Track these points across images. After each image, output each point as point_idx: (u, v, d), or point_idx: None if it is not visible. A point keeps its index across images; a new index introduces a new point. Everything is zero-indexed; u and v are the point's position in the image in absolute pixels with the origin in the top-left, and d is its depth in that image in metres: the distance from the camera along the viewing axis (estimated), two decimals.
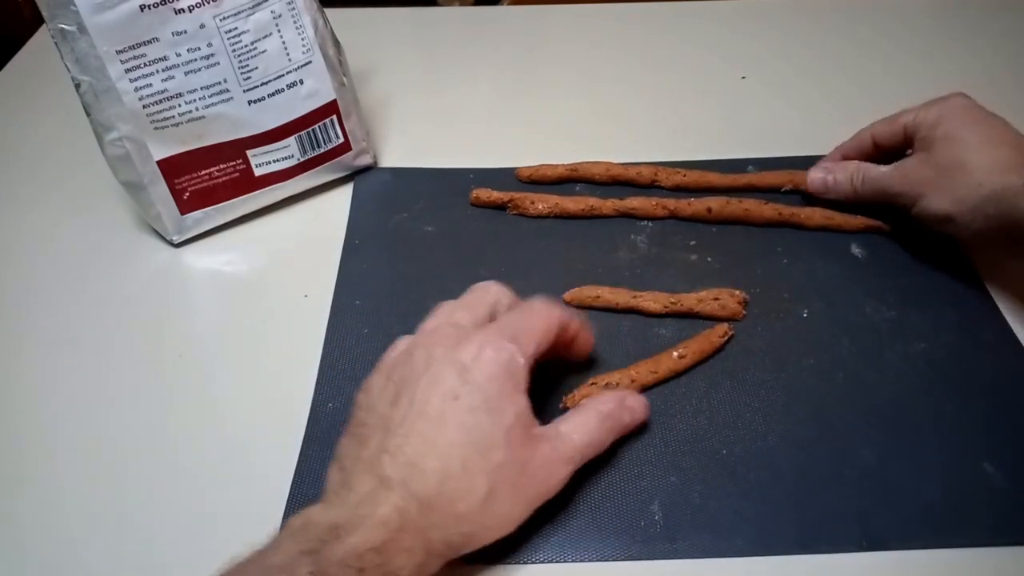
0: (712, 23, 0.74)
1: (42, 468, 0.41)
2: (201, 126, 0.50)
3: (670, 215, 0.52)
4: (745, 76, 0.67)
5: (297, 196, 0.55)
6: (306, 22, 0.51)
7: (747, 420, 0.41)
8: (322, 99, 0.53)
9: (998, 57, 0.68)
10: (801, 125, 0.61)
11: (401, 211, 0.54)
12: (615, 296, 0.46)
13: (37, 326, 0.48)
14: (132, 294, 0.49)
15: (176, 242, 0.52)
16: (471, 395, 0.34)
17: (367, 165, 0.57)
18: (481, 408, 0.34)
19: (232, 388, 0.44)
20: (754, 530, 0.37)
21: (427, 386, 0.34)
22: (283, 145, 0.52)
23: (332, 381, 0.43)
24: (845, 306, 0.47)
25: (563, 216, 0.53)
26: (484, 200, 0.54)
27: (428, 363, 0.35)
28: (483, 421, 0.34)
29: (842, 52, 0.69)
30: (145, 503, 0.39)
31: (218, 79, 0.49)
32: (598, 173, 0.55)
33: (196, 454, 0.41)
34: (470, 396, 0.34)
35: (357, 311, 0.47)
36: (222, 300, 0.49)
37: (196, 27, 0.47)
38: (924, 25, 0.72)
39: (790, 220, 0.51)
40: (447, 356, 0.35)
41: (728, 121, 0.62)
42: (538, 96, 0.66)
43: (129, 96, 0.47)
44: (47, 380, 0.45)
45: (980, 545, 0.36)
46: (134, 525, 0.38)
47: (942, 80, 0.65)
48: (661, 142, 0.59)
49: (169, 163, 0.50)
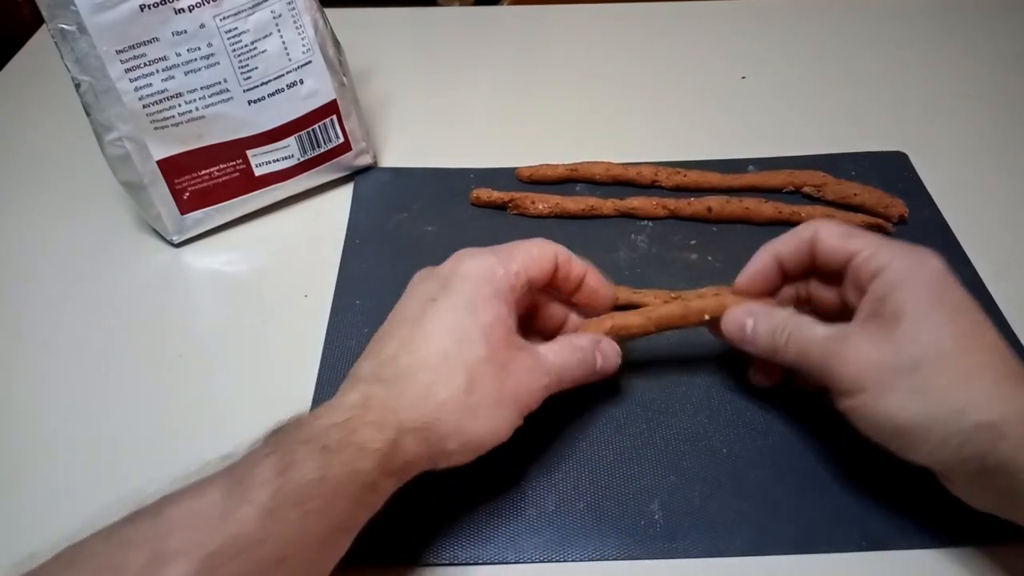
0: (712, 23, 0.74)
1: (42, 468, 0.41)
2: (201, 126, 0.50)
3: (670, 215, 0.52)
4: (745, 76, 0.67)
5: (297, 196, 0.55)
6: (306, 22, 0.51)
7: (748, 419, 0.41)
8: (322, 99, 0.53)
9: (999, 57, 0.68)
10: (801, 125, 0.61)
11: (401, 211, 0.54)
12: (616, 293, 0.46)
13: (37, 326, 0.48)
14: (132, 294, 0.49)
15: (176, 242, 0.52)
16: (450, 297, 0.34)
17: (367, 165, 0.57)
18: (460, 307, 0.34)
19: (232, 388, 0.44)
20: (754, 530, 0.37)
21: (406, 298, 0.36)
22: (283, 145, 0.52)
23: (332, 381, 0.43)
24: None
25: (563, 216, 0.53)
26: (484, 200, 0.54)
27: (411, 286, 0.37)
28: (462, 317, 0.34)
29: (842, 52, 0.69)
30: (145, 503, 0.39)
31: (218, 79, 0.49)
32: (598, 173, 0.55)
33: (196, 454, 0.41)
34: (449, 298, 0.34)
35: (357, 311, 0.47)
36: (222, 300, 0.49)
37: (196, 27, 0.47)
38: (924, 25, 0.72)
39: (790, 219, 0.51)
40: (428, 273, 0.37)
41: (728, 121, 0.62)
42: (538, 96, 0.66)
43: (129, 96, 0.47)
44: (47, 380, 0.45)
45: (980, 544, 0.36)
46: None
47: (942, 80, 0.65)
48: (661, 142, 0.59)
49: (169, 163, 0.50)
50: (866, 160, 0.56)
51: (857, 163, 0.56)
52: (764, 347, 0.38)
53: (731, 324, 0.39)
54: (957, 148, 0.58)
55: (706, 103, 0.64)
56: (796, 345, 0.36)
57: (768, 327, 0.37)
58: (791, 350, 0.36)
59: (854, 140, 0.58)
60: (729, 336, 0.39)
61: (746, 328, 0.38)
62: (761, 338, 0.38)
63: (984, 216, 0.52)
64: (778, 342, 0.37)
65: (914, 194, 0.53)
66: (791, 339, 0.36)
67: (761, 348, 0.38)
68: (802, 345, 0.36)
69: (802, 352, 0.36)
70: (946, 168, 0.56)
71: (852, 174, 0.55)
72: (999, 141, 0.59)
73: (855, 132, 0.60)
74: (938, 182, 0.54)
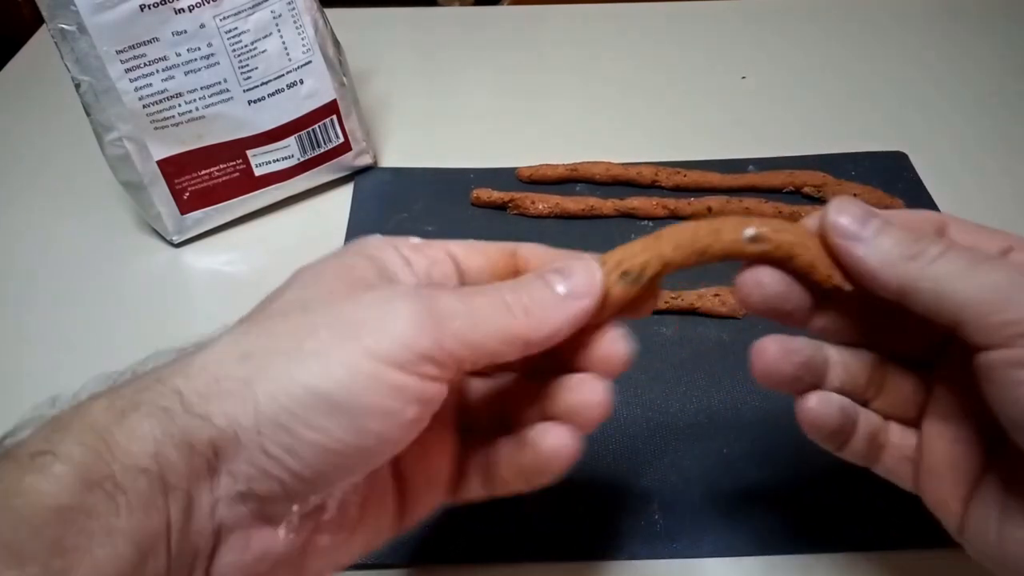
0: (712, 23, 0.74)
1: None
2: (201, 126, 0.50)
3: (670, 215, 0.52)
4: (745, 76, 0.67)
5: (297, 196, 0.55)
6: (306, 22, 0.51)
7: (748, 418, 0.41)
8: (322, 99, 0.53)
9: (999, 58, 0.68)
10: (801, 125, 0.61)
11: (401, 211, 0.54)
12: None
13: (37, 326, 0.48)
14: (132, 294, 0.49)
15: (176, 242, 0.52)
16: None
17: (367, 165, 0.57)
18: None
19: None
20: (754, 530, 0.37)
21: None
22: (283, 145, 0.52)
23: None
24: None
25: (563, 216, 0.53)
26: (484, 200, 0.54)
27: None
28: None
29: (842, 52, 0.69)
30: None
31: (218, 79, 0.49)
32: (598, 173, 0.55)
33: None
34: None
35: None
36: (222, 300, 0.49)
37: (196, 27, 0.47)
38: (925, 26, 0.72)
39: (791, 219, 0.51)
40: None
41: (728, 121, 0.62)
42: (538, 96, 0.66)
43: (129, 96, 0.47)
44: (47, 380, 0.45)
45: None
46: None
47: (942, 80, 0.65)
48: (661, 142, 0.59)
49: (169, 163, 0.50)
50: (866, 160, 0.56)
51: (857, 163, 0.56)
52: (887, 255, 0.25)
53: (845, 214, 0.26)
54: (957, 148, 0.58)
55: (706, 103, 0.64)
56: (958, 260, 0.24)
57: (903, 232, 0.25)
58: (945, 265, 0.24)
59: (854, 140, 0.58)
60: (833, 227, 0.26)
61: (872, 224, 0.25)
62: (888, 242, 0.25)
63: (984, 216, 0.52)
64: (923, 250, 0.25)
65: (914, 194, 0.53)
66: (950, 251, 0.24)
67: (878, 256, 0.25)
68: (973, 261, 0.24)
69: (968, 270, 0.24)
70: (946, 168, 0.56)
71: (852, 174, 0.55)
72: (999, 141, 0.59)
73: (855, 132, 0.60)
74: (938, 182, 0.54)
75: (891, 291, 0.25)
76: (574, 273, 0.25)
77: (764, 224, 0.27)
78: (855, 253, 0.25)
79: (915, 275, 0.24)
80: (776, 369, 0.27)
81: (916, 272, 0.24)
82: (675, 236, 0.27)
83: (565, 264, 0.26)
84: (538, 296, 0.25)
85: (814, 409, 0.28)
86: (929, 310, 0.24)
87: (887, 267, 0.25)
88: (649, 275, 0.26)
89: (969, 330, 0.23)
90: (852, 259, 0.25)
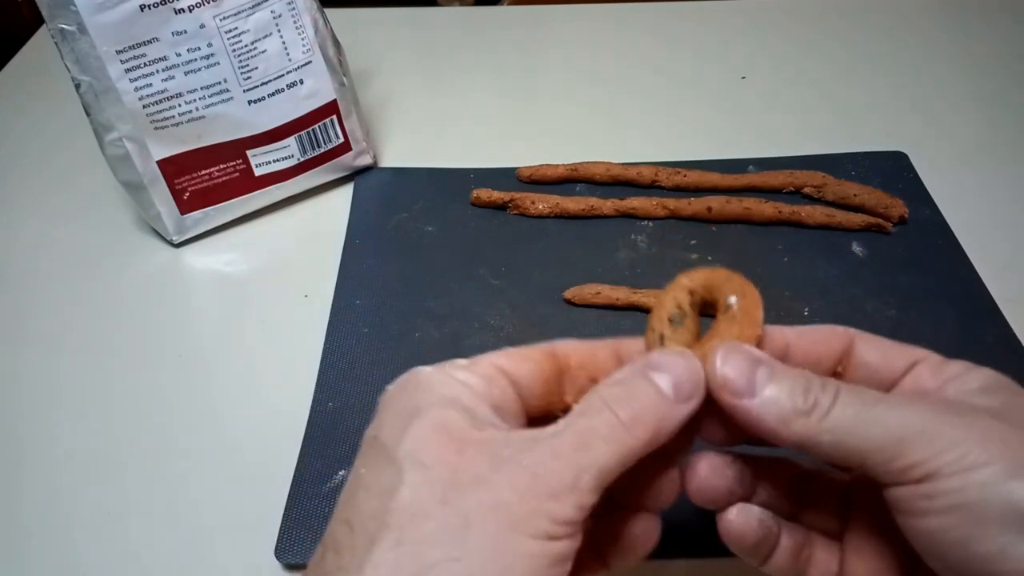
0: (712, 23, 0.74)
1: (42, 468, 0.41)
2: (201, 126, 0.50)
3: (670, 215, 0.52)
4: (745, 76, 0.67)
5: (297, 196, 0.55)
6: (306, 22, 0.51)
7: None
8: (322, 99, 0.53)
9: (998, 58, 0.68)
10: (801, 125, 0.61)
11: (401, 211, 0.54)
12: (615, 292, 0.46)
13: (37, 326, 0.48)
14: (132, 294, 0.49)
15: (176, 242, 0.52)
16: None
17: (367, 165, 0.57)
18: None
19: (232, 388, 0.44)
20: None
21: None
22: (283, 145, 0.52)
23: (332, 381, 0.43)
24: (846, 304, 0.46)
25: (563, 216, 0.53)
26: (484, 200, 0.54)
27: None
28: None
29: (842, 52, 0.69)
30: (145, 503, 0.39)
31: (218, 79, 0.49)
32: (598, 173, 0.55)
33: (196, 454, 0.41)
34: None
35: (357, 311, 0.47)
36: (222, 300, 0.49)
37: (196, 27, 0.47)
38: (924, 25, 0.72)
39: (790, 218, 0.51)
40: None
41: (728, 121, 0.62)
42: (538, 96, 0.66)
43: (129, 96, 0.47)
44: (47, 380, 0.45)
45: None
46: (134, 525, 0.38)
47: (942, 80, 0.65)
48: (661, 142, 0.59)
49: (169, 163, 0.50)
50: (866, 160, 0.56)
51: (857, 163, 0.56)
52: (781, 412, 0.25)
53: (730, 366, 0.25)
54: (957, 148, 0.58)
55: (706, 103, 0.64)
56: (851, 407, 0.24)
57: (793, 380, 0.25)
58: (839, 416, 0.24)
59: (854, 140, 0.58)
60: (722, 384, 0.25)
61: (758, 377, 0.25)
62: (780, 396, 0.25)
63: (984, 216, 0.52)
64: (815, 401, 0.24)
65: (914, 194, 0.53)
66: (841, 397, 0.24)
67: (772, 414, 0.25)
68: (864, 406, 0.24)
69: (863, 418, 0.24)
70: (946, 168, 0.56)
71: (852, 174, 0.55)
72: (999, 141, 0.59)
73: (855, 132, 0.60)
74: (938, 182, 0.54)
75: (792, 446, 0.25)
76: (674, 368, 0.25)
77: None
78: (750, 413, 0.25)
79: (813, 431, 0.24)
80: (709, 485, 0.28)
81: (814, 428, 0.24)
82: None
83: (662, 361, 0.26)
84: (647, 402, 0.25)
85: (733, 521, 0.28)
86: (833, 459, 0.25)
87: (783, 425, 0.25)
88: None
89: (874, 473, 0.24)
90: (747, 418, 0.25)
